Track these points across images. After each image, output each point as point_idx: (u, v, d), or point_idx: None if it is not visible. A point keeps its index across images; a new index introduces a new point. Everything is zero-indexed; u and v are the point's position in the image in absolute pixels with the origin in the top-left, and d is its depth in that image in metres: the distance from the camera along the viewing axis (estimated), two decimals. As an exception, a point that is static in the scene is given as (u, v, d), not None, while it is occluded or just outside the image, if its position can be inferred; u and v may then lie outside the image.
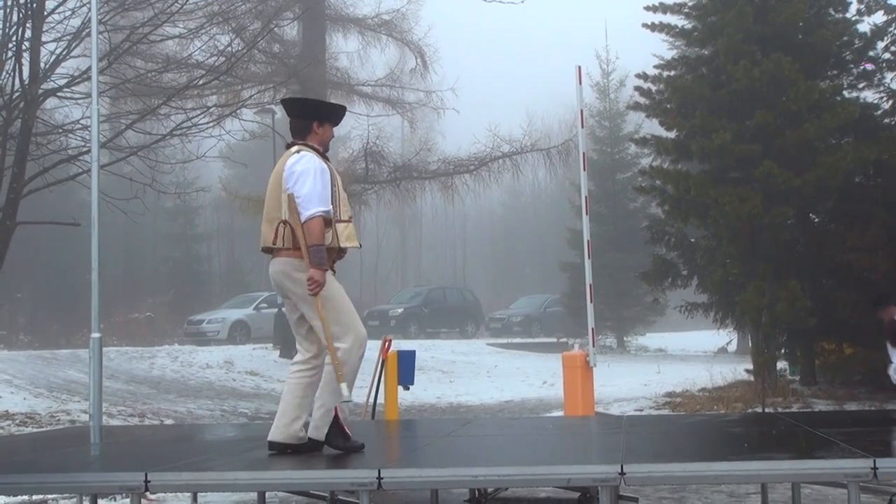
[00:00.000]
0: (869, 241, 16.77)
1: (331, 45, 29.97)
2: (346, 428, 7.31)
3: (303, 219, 7.11)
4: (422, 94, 29.92)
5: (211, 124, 18.73)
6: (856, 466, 5.85)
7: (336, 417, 7.26)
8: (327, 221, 7.20)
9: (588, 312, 13.90)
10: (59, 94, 17.10)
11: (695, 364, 26.45)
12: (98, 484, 6.71)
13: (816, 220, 19.43)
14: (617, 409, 17.84)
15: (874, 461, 5.80)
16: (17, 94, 15.84)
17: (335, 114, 7.72)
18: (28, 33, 15.78)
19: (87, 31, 15.08)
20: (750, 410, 15.85)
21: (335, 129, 7.78)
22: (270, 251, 7.37)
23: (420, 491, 8.51)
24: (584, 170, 14.36)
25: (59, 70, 16.99)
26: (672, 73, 19.97)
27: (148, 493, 6.72)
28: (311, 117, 7.54)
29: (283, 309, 7.77)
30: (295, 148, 7.40)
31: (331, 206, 7.23)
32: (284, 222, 7.22)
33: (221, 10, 19.43)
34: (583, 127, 14.69)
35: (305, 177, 7.16)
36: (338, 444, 7.24)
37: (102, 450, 8.49)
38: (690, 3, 19.90)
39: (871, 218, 17.06)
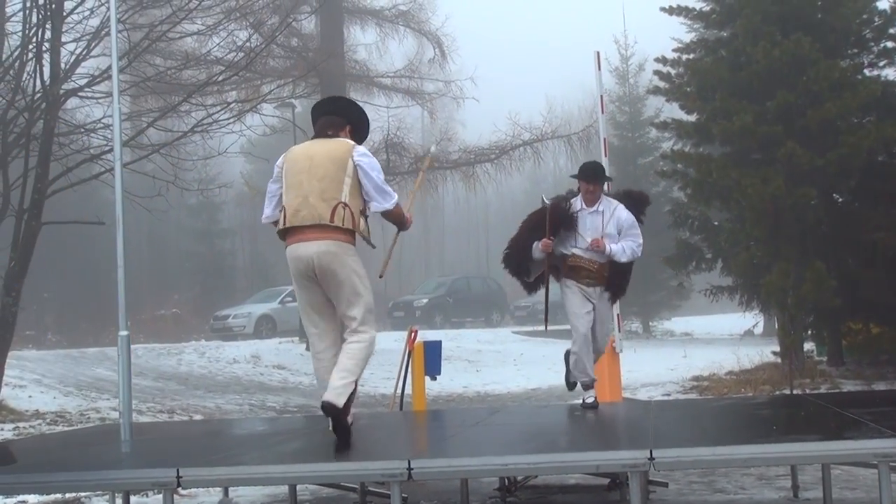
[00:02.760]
0: (893, 220, 16.68)
1: (349, 37, 30.09)
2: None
3: (392, 206, 7.66)
4: (441, 83, 30.04)
5: (231, 120, 18.76)
6: (886, 446, 5.83)
7: (352, 394, 7.35)
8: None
9: (613, 298, 13.87)
10: (80, 93, 17.16)
11: (721, 347, 26.36)
12: (130, 481, 6.76)
13: (840, 199, 19.32)
14: (644, 394, 17.83)
15: (904, 440, 5.79)
16: (38, 94, 15.91)
17: (366, 134, 8.16)
18: (48, 34, 15.85)
19: (106, 30, 15.13)
20: (778, 392, 15.82)
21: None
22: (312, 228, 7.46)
23: (450, 480, 8.54)
24: (606, 155, 14.36)
25: (79, 70, 17.05)
26: (691, 56, 19.92)
27: (180, 489, 6.77)
28: (353, 124, 7.95)
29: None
30: (345, 137, 7.76)
31: None
32: (344, 205, 7.40)
33: (239, 5, 19.46)
34: (603, 113, 14.69)
35: (375, 168, 7.57)
36: (342, 420, 7.27)
37: (133, 447, 8.55)
38: (708, -15, 19.86)
39: (895, 196, 16.97)
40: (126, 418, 9.07)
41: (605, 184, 9.70)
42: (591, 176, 9.40)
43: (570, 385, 9.62)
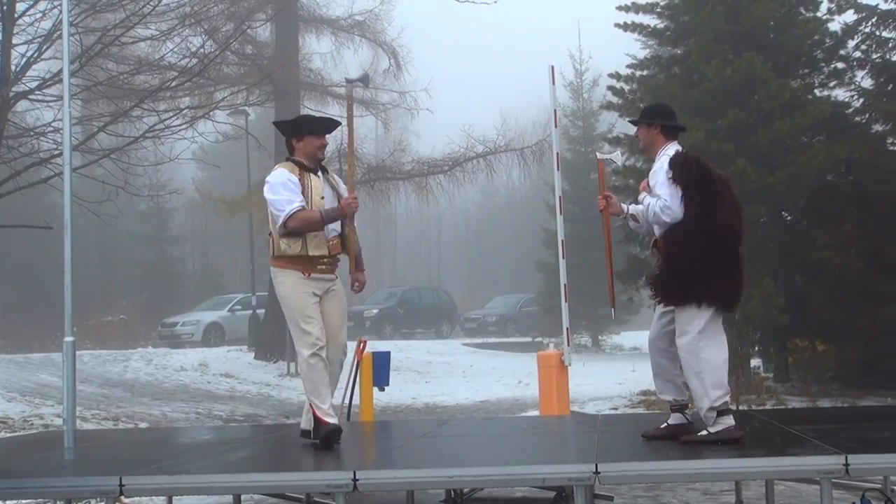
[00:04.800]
0: (841, 239, 16.86)
1: (304, 46, 29.97)
2: (324, 419, 7.68)
3: (281, 222, 7.63)
4: (395, 94, 30.00)
5: (184, 126, 18.68)
6: (828, 463, 5.90)
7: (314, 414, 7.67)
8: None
9: (563, 312, 13.91)
10: (30, 96, 17.01)
11: (669, 362, 26.49)
12: (72, 488, 6.69)
13: (789, 218, 19.52)
14: (592, 408, 17.87)
15: (846, 457, 5.85)
16: (-13, 96, 15.76)
17: (306, 126, 8.09)
18: (-1, 36, 15.71)
19: (58, 33, 15.02)
20: (724, 408, 15.89)
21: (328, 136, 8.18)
22: None
23: (396, 492, 8.51)
24: (558, 169, 14.39)
25: (30, 72, 16.92)
26: (645, 72, 20.02)
27: (122, 497, 6.71)
28: (288, 136, 8.05)
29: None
30: (294, 155, 8.00)
31: (302, 201, 7.68)
32: (269, 233, 7.86)
33: (194, 11, 19.37)
34: (556, 127, 14.70)
35: (269, 187, 7.80)
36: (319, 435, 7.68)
37: (76, 454, 8.46)
38: (662, 3, 19.95)
39: (843, 216, 17.16)
40: (70, 425, 8.97)
41: (656, 127, 7.62)
42: (650, 115, 7.72)
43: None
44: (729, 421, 7.01)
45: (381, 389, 12.62)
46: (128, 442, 10.01)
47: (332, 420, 7.66)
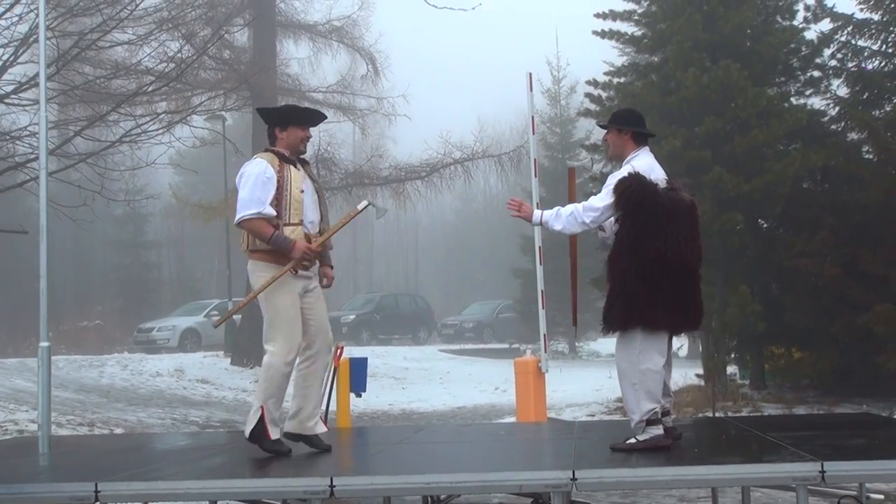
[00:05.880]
0: (817, 246, 16.92)
1: (281, 51, 29.96)
2: (269, 430, 7.48)
3: (236, 221, 7.42)
4: (373, 100, 30.03)
5: (160, 131, 18.62)
6: (804, 470, 5.90)
7: (262, 418, 7.43)
8: (269, 222, 7.39)
9: (540, 318, 13.93)
10: (6, 100, 16.93)
11: (646, 369, 26.50)
12: (47, 495, 6.63)
13: (765, 225, 19.59)
14: (569, 414, 17.89)
15: (822, 464, 5.85)
16: (-37, 100, 15.68)
17: (292, 116, 7.81)
18: (-26, 39, 15.62)
19: (34, 36, 14.96)
20: (700, 415, 15.93)
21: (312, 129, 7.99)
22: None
23: (373, 498, 8.49)
24: (536, 176, 14.42)
25: (6, 76, 16.83)
26: (622, 79, 20.09)
27: (98, 504, 6.67)
28: (271, 124, 7.76)
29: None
30: (275, 146, 7.68)
31: (265, 209, 7.36)
32: None
33: (171, 16, 19.32)
34: (534, 133, 14.73)
35: (242, 181, 7.46)
36: (263, 445, 7.49)
37: (51, 460, 8.40)
38: (640, 11, 20.04)
39: (818, 223, 17.22)
40: (45, 431, 8.92)
41: (627, 133, 7.56)
42: (618, 121, 7.65)
43: None
44: (657, 430, 7.10)
45: (358, 395, 12.61)
46: (103, 448, 9.94)
47: (276, 434, 7.54)
